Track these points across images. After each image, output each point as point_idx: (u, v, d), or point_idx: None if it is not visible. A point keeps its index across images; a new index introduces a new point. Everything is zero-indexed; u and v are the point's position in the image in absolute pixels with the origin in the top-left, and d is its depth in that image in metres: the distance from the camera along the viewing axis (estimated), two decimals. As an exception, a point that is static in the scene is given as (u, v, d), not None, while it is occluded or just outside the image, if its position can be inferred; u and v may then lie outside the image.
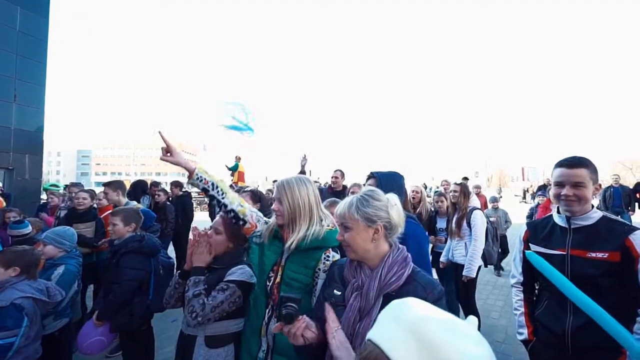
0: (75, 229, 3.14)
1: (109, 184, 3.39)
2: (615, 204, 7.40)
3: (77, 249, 2.40)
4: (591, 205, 1.35)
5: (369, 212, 1.03)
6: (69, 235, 2.30)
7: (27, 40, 6.87)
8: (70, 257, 2.28)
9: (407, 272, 1.00)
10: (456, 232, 3.12)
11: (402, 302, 0.63)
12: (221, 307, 1.38)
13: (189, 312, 1.34)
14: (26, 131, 6.64)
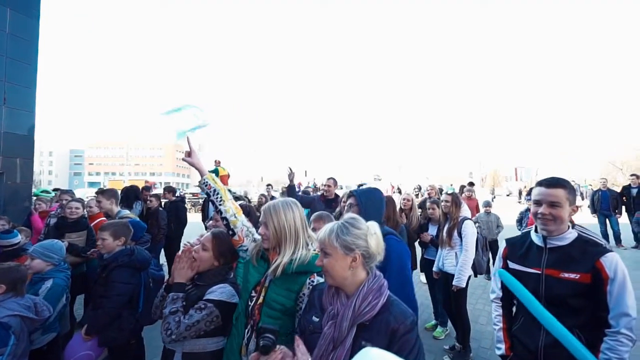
0: (67, 238, 3.16)
1: (103, 192, 3.38)
2: (604, 207, 7.55)
3: (66, 262, 2.40)
4: (568, 226, 1.40)
5: (348, 241, 1.06)
6: (57, 249, 2.29)
7: (16, 43, 6.76)
8: (59, 270, 2.27)
9: (382, 301, 1.02)
10: (447, 242, 3.17)
11: (367, 352, 0.66)
12: (197, 326, 1.39)
13: (164, 329, 1.38)
14: (16, 134, 6.55)
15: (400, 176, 42.09)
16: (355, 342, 1.00)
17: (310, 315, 1.12)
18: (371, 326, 1.01)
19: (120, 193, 5.59)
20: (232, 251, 1.60)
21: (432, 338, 3.41)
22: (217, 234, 1.63)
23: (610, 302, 1.24)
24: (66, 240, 3.12)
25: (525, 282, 1.46)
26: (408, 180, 37.69)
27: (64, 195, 3.95)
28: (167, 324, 1.36)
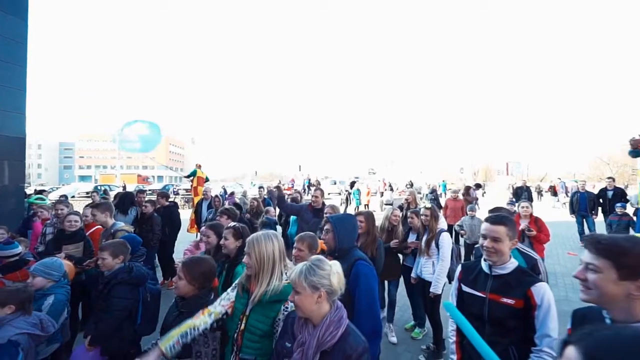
0: (64, 250, 3.31)
1: (97, 207, 3.52)
2: (581, 208, 7.92)
3: (66, 278, 2.56)
4: (508, 257, 1.63)
5: (314, 281, 1.27)
6: (57, 266, 2.46)
7: (5, 44, 6.74)
8: (59, 286, 2.44)
9: (341, 331, 1.24)
10: (425, 251, 3.42)
11: None
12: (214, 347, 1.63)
13: None
14: (7, 137, 6.57)
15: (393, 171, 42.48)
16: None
17: (284, 340, 1.34)
18: (332, 353, 1.23)
19: (114, 199, 5.73)
20: (204, 274, 1.79)
21: (410, 338, 3.68)
22: (185, 262, 1.80)
23: (537, 325, 1.48)
24: (63, 252, 3.29)
25: (473, 303, 1.70)
26: (401, 174, 38.12)
27: (60, 205, 4.06)
28: None
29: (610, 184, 7.64)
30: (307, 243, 2.14)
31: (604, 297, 0.95)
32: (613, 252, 0.94)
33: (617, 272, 0.93)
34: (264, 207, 6.01)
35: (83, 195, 21.46)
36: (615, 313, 0.96)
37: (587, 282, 0.99)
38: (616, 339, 0.61)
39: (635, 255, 0.93)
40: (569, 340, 0.65)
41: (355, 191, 15.82)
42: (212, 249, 2.49)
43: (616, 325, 0.67)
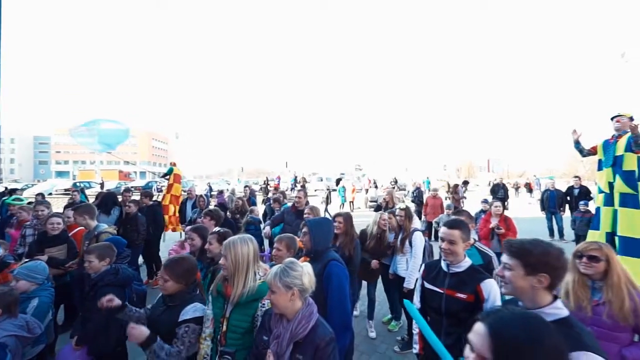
0: (47, 253, 3.33)
1: (77, 210, 3.54)
2: (551, 205, 8.42)
3: (49, 281, 2.62)
4: (463, 256, 1.84)
5: (287, 281, 1.43)
6: (41, 269, 2.52)
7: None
8: (43, 289, 2.50)
9: (311, 324, 1.41)
10: (400, 249, 3.64)
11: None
12: (191, 344, 1.76)
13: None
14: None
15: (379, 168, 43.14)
16: (292, 355, 1.38)
17: (262, 335, 1.50)
18: (303, 343, 1.40)
19: (96, 199, 5.69)
20: (188, 271, 1.93)
21: (387, 330, 3.91)
22: (167, 265, 1.92)
23: (484, 317, 1.69)
24: (46, 255, 3.31)
25: (433, 298, 1.90)
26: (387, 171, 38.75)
27: (40, 207, 4.04)
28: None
29: (577, 183, 8.16)
30: (285, 243, 2.30)
31: (516, 290, 1.18)
32: (521, 253, 1.17)
33: (524, 269, 1.15)
34: (249, 206, 6.10)
35: (61, 192, 20.74)
36: (525, 302, 1.19)
37: (505, 278, 1.20)
38: (511, 316, 0.81)
39: (536, 255, 1.15)
40: (477, 318, 0.84)
41: (341, 188, 16.06)
42: (197, 251, 2.60)
43: (513, 307, 0.87)
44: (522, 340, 0.76)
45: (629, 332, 1.81)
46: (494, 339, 0.79)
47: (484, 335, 0.81)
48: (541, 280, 1.12)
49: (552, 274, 1.12)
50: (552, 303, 1.14)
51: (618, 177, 3.96)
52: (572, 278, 1.98)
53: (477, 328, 0.82)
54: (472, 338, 0.83)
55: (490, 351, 0.79)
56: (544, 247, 1.16)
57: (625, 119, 3.93)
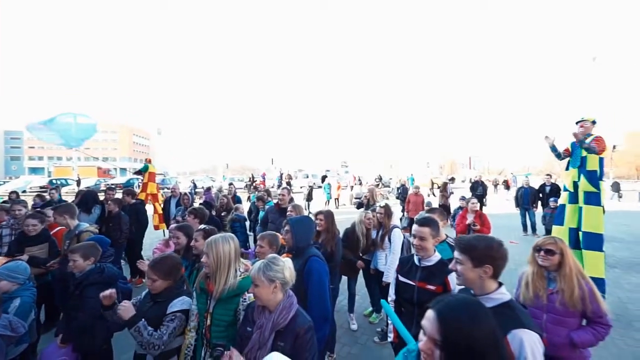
0: (28, 252, 3.30)
1: (56, 210, 3.50)
2: (525, 201, 8.86)
3: (31, 281, 2.61)
4: (433, 251, 2.00)
5: (270, 275, 1.54)
6: (22, 270, 2.50)
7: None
8: (25, 289, 2.50)
9: (292, 314, 1.53)
10: (380, 245, 3.80)
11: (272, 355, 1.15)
12: (174, 332, 1.83)
13: (151, 347, 1.75)
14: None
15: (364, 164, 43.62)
16: (274, 343, 1.49)
17: (245, 326, 1.60)
18: (284, 332, 1.51)
19: (76, 197, 5.57)
20: (173, 267, 2.00)
21: (368, 322, 4.09)
22: (152, 265, 1.98)
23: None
24: (26, 254, 3.27)
25: (406, 290, 2.06)
26: (372, 168, 39.24)
27: (17, 206, 3.95)
28: (152, 344, 1.75)
29: (548, 180, 8.62)
30: (268, 240, 2.40)
31: (467, 281, 1.34)
32: (468, 249, 1.33)
33: (471, 262, 1.31)
34: (234, 203, 6.14)
35: (36, 190, 19.94)
36: (475, 290, 1.36)
37: (457, 271, 1.36)
38: (455, 302, 0.95)
39: (480, 250, 1.33)
40: (429, 306, 0.97)
41: (326, 185, 16.21)
42: (182, 250, 2.66)
43: (458, 294, 1.01)
44: (464, 321, 0.89)
45: (577, 318, 2.03)
46: (441, 323, 0.91)
47: (433, 320, 0.93)
48: (486, 271, 1.29)
49: (494, 264, 1.30)
50: (497, 289, 1.31)
51: (583, 176, 4.27)
52: (532, 270, 2.19)
53: (428, 314, 0.95)
54: (424, 323, 0.96)
55: (439, 333, 0.91)
56: (487, 242, 1.34)
57: (588, 123, 4.24)
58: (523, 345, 1.15)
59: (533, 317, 2.10)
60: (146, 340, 1.76)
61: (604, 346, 3.35)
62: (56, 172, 36.69)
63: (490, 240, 1.37)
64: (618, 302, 4.45)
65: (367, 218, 3.97)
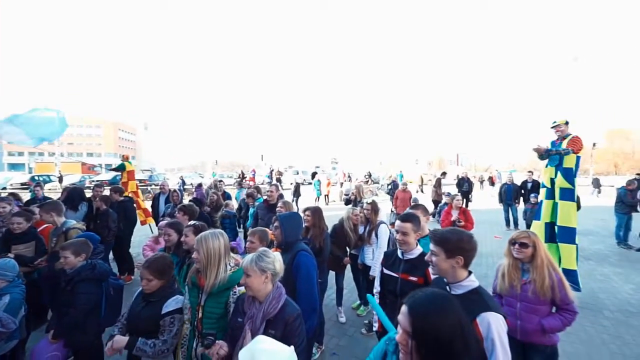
0: (14, 250, 3.27)
1: (42, 207, 3.46)
2: (508, 197, 9.18)
3: (20, 278, 2.62)
4: (415, 244, 2.12)
5: (262, 265, 1.63)
6: (10, 267, 2.51)
7: None
8: (14, 285, 2.50)
9: (281, 303, 1.62)
10: (367, 240, 3.92)
11: (256, 338, 1.23)
12: (177, 332, 1.91)
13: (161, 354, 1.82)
14: None
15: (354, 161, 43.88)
16: (266, 331, 1.58)
17: (236, 317, 1.68)
18: (274, 320, 1.60)
19: (62, 194, 5.49)
20: (166, 266, 2.06)
21: (356, 315, 4.22)
22: (147, 265, 2.03)
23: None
24: (12, 252, 3.24)
25: (390, 282, 2.17)
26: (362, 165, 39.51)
27: (1, 204, 3.89)
28: (162, 351, 1.82)
29: (530, 177, 8.95)
30: (258, 236, 2.48)
31: (441, 271, 1.46)
32: (441, 241, 1.44)
33: (444, 253, 1.42)
34: (224, 200, 6.15)
35: (18, 186, 19.36)
36: (448, 279, 1.48)
37: (432, 262, 1.47)
38: (424, 296, 1.05)
39: (452, 242, 1.45)
40: (403, 301, 1.07)
41: (316, 182, 16.30)
42: (173, 246, 2.70)
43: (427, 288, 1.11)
44: (431, 313, 0.99)
45: (548, 305, 2.20)
46: (411, 316, 1.00)
47: (405, 314, 1.02)
48: (458, 261, 1.41)
49: (465, 255, 1.42)
50: (467, 277, 1.44)
51: (559, 173, 4.49)
52: (507, 262, 2.35)
53: (402, 309, 1.04)
54: (399, 317, 1.05)
55: (410, 325, 1.00)
56: (459, 235, 1.45)
57: (562, 126, 4.47)
58: (490, 326, 1.28)
59: (508, 305, 2.28)
60: (152, 352, 1.82)
61: (576, 333, 3.59)
62: (38, 169, 35.30)
63: (461, 233, 1.49)
64: (590, 292, 4.72)
65: (355, 214, 4.08)
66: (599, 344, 3.40)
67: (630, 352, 3.24)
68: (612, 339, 3.50)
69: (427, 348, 0.96)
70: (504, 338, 1.28)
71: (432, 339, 0.96)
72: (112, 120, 78.98)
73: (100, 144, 75.28)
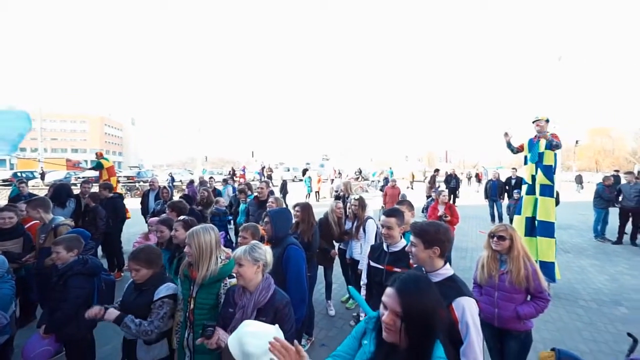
0: (2, 246, 3.24)
1: (28, 203, 3.43)
2: (493, 193, 9.46)
3: (9, 274, 2.62)
4: (399, 238, 2.23)
5: (255, 256, 1.71)
6: (0, 262, 2.51)
7: None
8: (4, 281, 2.51)
9: (270, 292, 1.71)
10: (355, 235, 4.03)
11: (242, 323, 1.31)
12: (165, 316, 1.96)
13: (145, 334, 1.87)
14: None
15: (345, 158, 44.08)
16: (257, 319, 1.65)
17: (227, 308, 1.76)
18: (265, 308, 1.68)
19: (49, 190, 5.40)
20: (153, 255, 2.10)
21: (345, 308, 4.34)
22: (132, 256, 2.07)
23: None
24: (0, 249, 3.21)
25: (376, 273, 2.28)
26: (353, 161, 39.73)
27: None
28: (145, 332, 1.87)
29: (514, 174, 9.23)
30: (250, 231, 2.55)
31: (419, 260, 1.56)
32: (420, 233, 1.55)
33: (423, 244, 1.53)
34: (215, 197, 6.16)
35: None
36: (426, 267, 1.60)
37: (411, 253, 1.58)
38: (408, 278, 1.14)
39: (430, 234, 1.56)
40: (387, 284, 1.16)
41: (307, 179, 16.37)
42: (165, 242, 2.75)
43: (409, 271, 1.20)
44: (417, 293, 1.08)
45: (523, 294, 2.34)
46: (400, 296, 1.09)
47: (393, 295, 1.11)
48: (435, 251, 1.52)
49: (441, 246, 1.53)
50: (443, 266, 1.55)
51: (540, 170, 4.69)
52: (487, 254, 2.49)
53: (388, 291, 1.13)
54: (385, 300, 1.13)
55: (399, 305, 1.08)
56: (436, 227, 1.56)
57: (542, 122, 4.65)
58: (465, 309, 1.39)
59: (487, 294, 2.42)
60: (136, 331, 1.88)
61: (553, 321, 3.81)
62: (20, 165, 34.06)
63: (438, 225, 1.60)
64: (567, 283, 4.96)
65: (338, 208, 4.23)
66: (573, 331, 3.61)
67: (601, 338, 3.45)
68: (585, 326, 3.72)
69: (414, 324, 1.05)
70: (477, 320, 1.40)
71: (418, 315, 1.05)
72: (97, 115, 76.91)
73: (85, 139, 73.16)
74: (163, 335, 2.03)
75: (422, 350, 1.06)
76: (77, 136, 73.66)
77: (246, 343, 1.19)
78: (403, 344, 1.06)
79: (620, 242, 7.33)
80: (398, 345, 1.08)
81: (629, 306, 4.21)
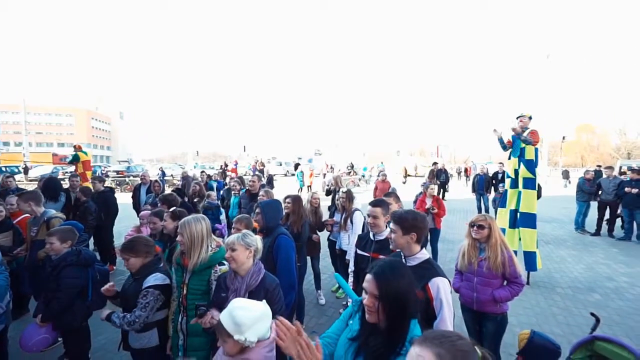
0: (-9, 240, 3.25)
1: (20, 196, 3.44)
2: (480, 187, 9.72)
3: (2, 265, 2.65)
4: (384, 227, 2.35)
5: (248, 241, 1.82)
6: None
7: None
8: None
9: (261, 276, 1.82)
10: (343, 227, 4.15)
11: (234, 300, 1.42)
12: (150, 306, 1.98)
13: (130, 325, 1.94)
14: None
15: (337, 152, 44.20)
16: (249, 300, 1.76)
17: (220, 292, 1.86)
18: (256, 291, 1.78)
19: (38, 184, 5.36)
20: (139, 243, 2.12)
21: (335, 297, 4.48)
22: (121, 248, 2.12)
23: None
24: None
25: (363, 261, 2.40)
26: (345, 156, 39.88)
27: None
28: (129, 322, 1.93)
29: (501, 168, 9.49)
30: (244, 223, 2.65)
31: (398, 245, 1.69)
32: (399, 220, 1.67)
33: (401, 230, 1.65)
34: (206, 191, 6.19)
35: (-18, 178, 18.27)
36: (404, 252, 1.72)
37: (391, 239, 1.70)
38: (384, 263, 1.25)
39: (408, 221, 1.68)
40: (367, 271, 1.27)
41: (299, 173, 16.45)
42: (158, 234, 2.82)
43: (387, 257, 1.31)
44: (391, 276, 1.19)
45: (499, 279, 2.50)
46: (376, 281, 1.19)
47: (371, 280, 1.21)
48: (412, 237, 1.65)
49: (418, 232, 1.65)
50: (420, 251, 1.68)
51: (522, 164, 4.88)
52: (467, 242, 2.64)
53: (367, 277, 1.24)
54: (365, 285, 1.23)
55: (377, 289, 1.18)
56: (413, 215, 1.69)
57: (526, 118, 4.84)
58: (439, 288, 1.53)
59: (467, 280, 2.58)
60: (119, 324, 1.94)
61: (531, 307, 4.03)
62: (3, 159, 33.07)
63: (416, 214, 1.72)
64: (547, 272, 5.21)
65: (314, 198, 4.48)
66: (548, 315, 3.83)
67: (574, 322, 3.68)
68: (560, 311, 3.95)
69: (390, 304, 1.15)
70: (449, 298, 1.54)
71: (393, 297, 1.16)
72: (84, 109, 75.00)
73: (72, 133, 71.21)
74: (153, 325, 2.06)
75: (399, 327, 1.17)
76: (63, 130, 71.73)
77: (237, 315, 1.31)
78: (382, 323, 1.17)
79: (598, 234, 7.66)
80: (378, 324, 1.18)
81: (601, 293, 4.47)
